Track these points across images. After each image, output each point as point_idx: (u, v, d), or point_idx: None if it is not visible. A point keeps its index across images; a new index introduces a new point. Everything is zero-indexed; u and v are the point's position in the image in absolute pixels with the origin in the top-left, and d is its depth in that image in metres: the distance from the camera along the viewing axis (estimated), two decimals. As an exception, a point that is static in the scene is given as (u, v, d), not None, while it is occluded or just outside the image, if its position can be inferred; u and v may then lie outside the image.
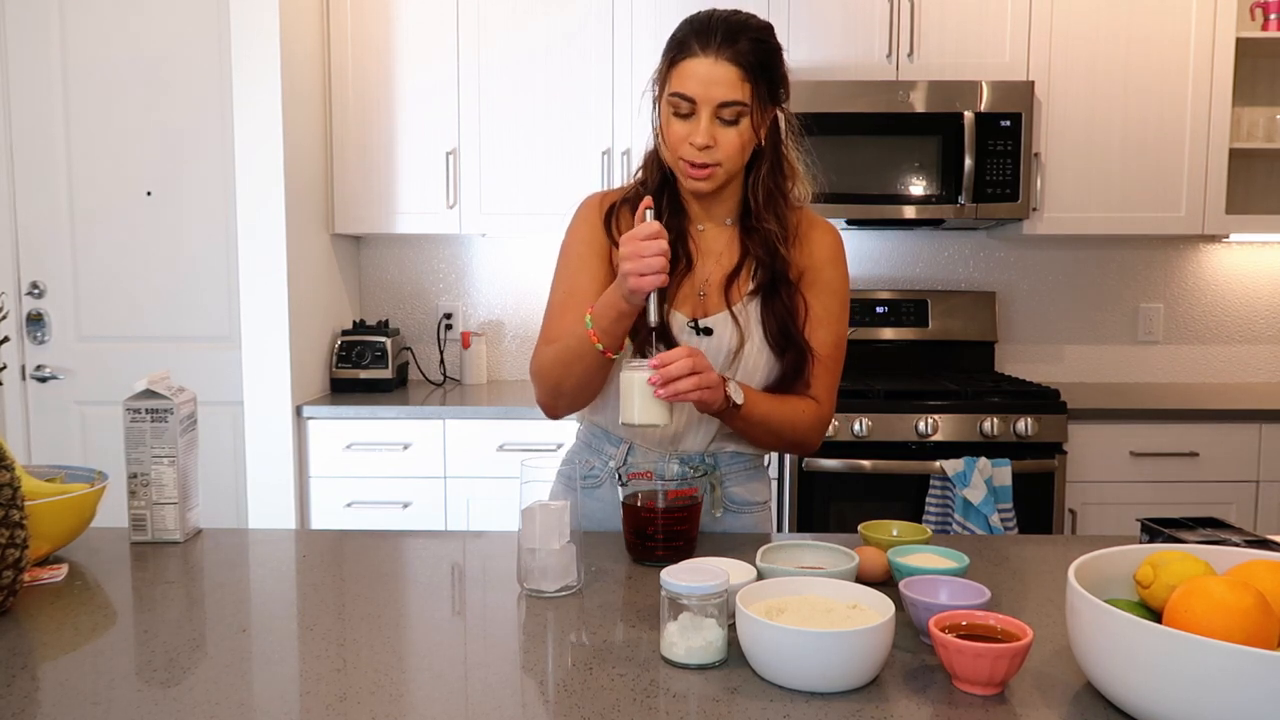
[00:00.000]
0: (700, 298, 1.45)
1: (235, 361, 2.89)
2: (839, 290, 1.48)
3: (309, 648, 1.02)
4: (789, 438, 1.43)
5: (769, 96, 1.36)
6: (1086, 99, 2.95)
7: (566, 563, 1.17)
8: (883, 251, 3.35)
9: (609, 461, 1.51)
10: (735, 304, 1.42)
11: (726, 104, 1.31)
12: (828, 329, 1.45)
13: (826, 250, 1.48)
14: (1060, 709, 0.87)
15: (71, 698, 0.89)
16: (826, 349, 1.45)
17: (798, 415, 1.42)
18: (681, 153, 1.35)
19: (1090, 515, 2.75)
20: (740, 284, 1.44)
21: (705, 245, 1.47)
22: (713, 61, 1.30)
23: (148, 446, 1.37)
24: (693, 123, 1.33)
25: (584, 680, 0.93)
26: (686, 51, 1.32)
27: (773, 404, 1.40)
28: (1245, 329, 3.36)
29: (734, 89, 1.31)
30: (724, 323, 1.42)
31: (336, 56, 3.00)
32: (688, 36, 1.33)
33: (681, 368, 1.23)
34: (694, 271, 1.45)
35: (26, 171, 3.00)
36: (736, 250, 1.45)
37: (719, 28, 1.31)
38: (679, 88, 1.33)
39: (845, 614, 0.95)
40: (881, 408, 2.69)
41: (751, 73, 1.32)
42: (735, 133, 1.34)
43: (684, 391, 1.23)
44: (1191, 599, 0.83)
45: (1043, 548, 1.40)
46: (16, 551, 1.09)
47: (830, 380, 1.46)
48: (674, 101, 1.34)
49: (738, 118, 1.33)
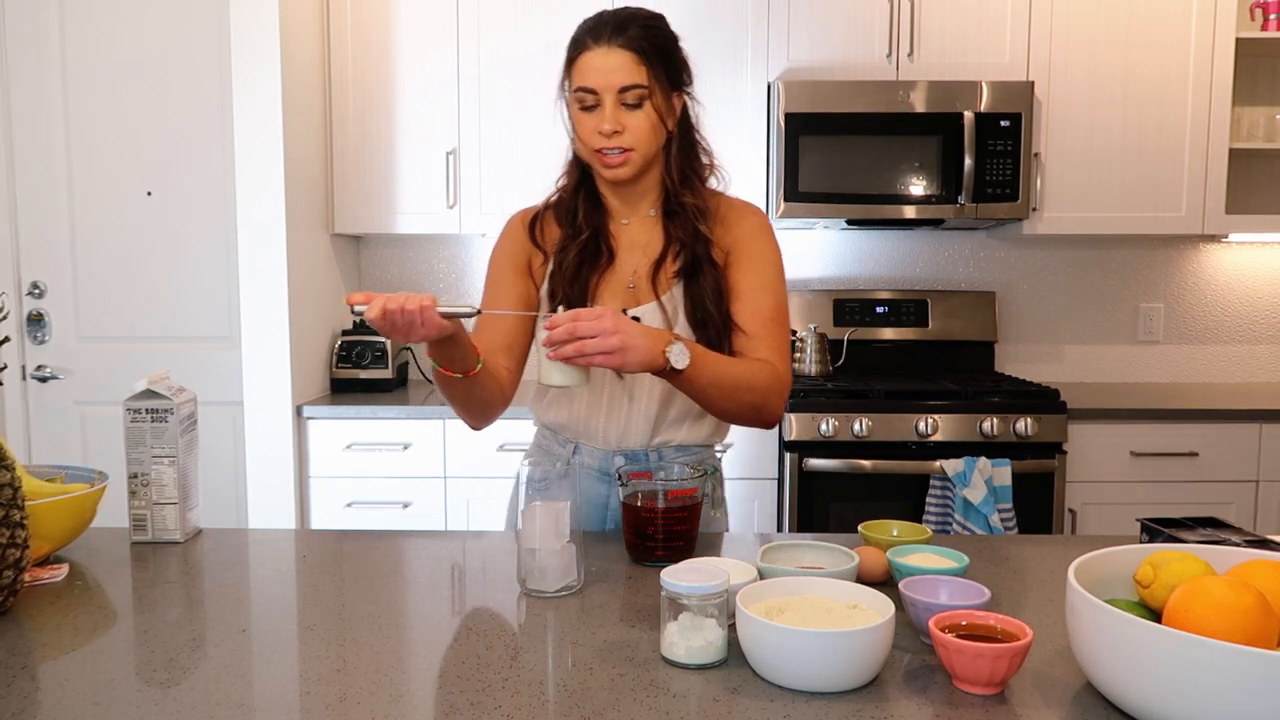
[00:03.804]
0: (631, 290, 1.48)
1: (235, 361, 2.89)
2: (770, 258, 1.49)
3: (309, 648, 1.02)
4: (747, 399, 1.39)
5: (669, 80, 1.42)
6: (1086, 99, 2.95)
7: (566, 563, 1.17)
8: (883, 251, 3.35)
9: (557, 463, 1.51)
10: (664, 292, 1.45)
11: (627, 88, 1.37)
12: (765, 295, 1.46)
13: (750, 226, 1.49)
14: (1060, 709, 0.87)
15: (71, 698, 0.89)
16: (767, 313, 1.45)
17: (754, 373, 1.39)
18: (593, 144, 1.40)
19: (1090, 515, 2.75)
20: (666, 271, 1.46)
21: (630, 238, 1.51)
22: (606, 50, 1.37)
23: (148, 446, 1.37)
24: (599, 113, 1.39)
25: (584, 680, 0.93)
26: (582, 48, 1.39)
27: (725, 364, 1.37)
28: (1245, 329, 3.36)
29: (631, 73, 1.37)
30: (652, 312, 1.45)
31: (336, 56, 3.00)
32: (582, 35, 1.40)
33: (561, 333, 1.21)
34: (617, 265, 1.49)
35: (26, 171, 3.00)
36: (660, 239, 1.48)
37: (610, 21, 1.39)
38: (580, 82, 1.39)
39: (845, 614, 0.95)
40: (881, 408, 2.69)
41: (646, 56, 1.37)
42: (641, 115, 1.39)
43: (569, 356, 1.22)
44: (1191, 599, 0.83)
45: (1043, 548, 1.40)
46: (17, 551, 1.09)
47: (778, 344, 1.45)
48: (579, 96, 1.39)
49: (641, 100, 1.38)
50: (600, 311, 1.24)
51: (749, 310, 1.45)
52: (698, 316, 1.43)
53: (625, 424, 1.49)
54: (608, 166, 1.41)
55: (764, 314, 1.45)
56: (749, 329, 1.44)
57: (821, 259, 3.35)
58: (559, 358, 1.23)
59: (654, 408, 1.48)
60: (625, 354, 1.23)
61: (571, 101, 1.42)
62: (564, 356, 1.23)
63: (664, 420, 1.49)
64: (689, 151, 1.48)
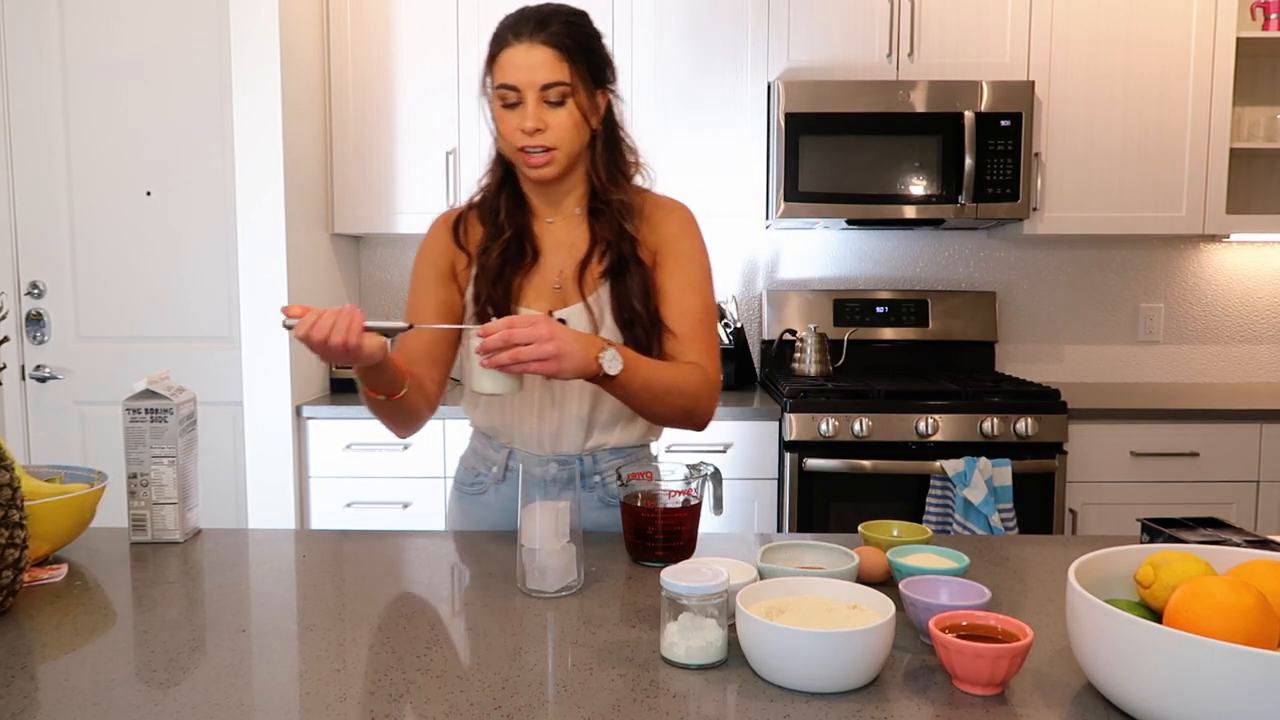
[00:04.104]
0: (557, 290, 1.46)
1: (235, 361, 2.89)
2: (696, 257, 1.47)
3: (309, 648, 1.02)
4: (679, 403, 1.39)
5: (592, 77, 1.39)
6: (1086, 99, 2.95)
7: (566, 563, 1.17)
8: (883, 251, 3.35)
9: (492, 467, 1.53)
10: (590, 293, 1.43)
11: (549, 85, 1.35)
12: (693, 296, 1.45)
13: (675, 225, 1.48)
14: (1060, 709, 0.87)
15: (71, 698, 0.89)
16: (696, 315, 1.45)
17: (685, 377, 1.39)
18: (516, 142, 1.38)
19: (1090, 515, 2.75)
20: (592, 271, 1.44)
21: (556, 238, 1.48)
22: (528, 47, 1.34)
23: (147, 446, 1.37)
24: (521, 110, 1.36)
25: (584, 680, 0.93)
26: (503, 44, 1.36)
27: (656, 368, 1.37)
28: (1245, 329, 3.36)
29: (553, 70, 1.34)
30: (579, 313, 1.43)
31: (336, 56, 3.00)
32: (503, 31, 1.37)
33: (495, 341, 1.21)
34: (542, 265, 1.46)
35: (26, 171, 3.00)
36: (586, 238, 1.46)
37: (531, 16, 1.36)
38: (502, 79, 1.36)
39: (845, 614, 0.95)
40: (881, 408, 2.69)
41: (568, 53, 1.35)
42: (564, 113, 1.36)
43: (503, 364, 1.21)
44: (1192, 599, 0.83)
45: (1043, 548, 1.40)
46: (16, 551, 1.09)
47: (707, 346, 1.45)
48: (501, 94, 1.37)
49: (563, 98, 1.36)
50: (535, 318, 1.24)
51: (677, 312, 1.44)
52: (625, 317, 1.42)
53: (558, 428, 1.47)
54: (531, 166, 1.39)
55: (692, 315, 1.44)
56: (678, 331, 1.44)
57: (821, 259, 3.35)
58: (494, 365, 1.22)
59: (585, 410, 1.46)
60: (560, 361, 1.22)
61: (493, 99, 1.39)
62: (499, 364, 1.22)
63: (596, 423, 1.48)
64: (614, 149, 1.46)
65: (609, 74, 1.44)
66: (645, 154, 1.51)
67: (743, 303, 3.35)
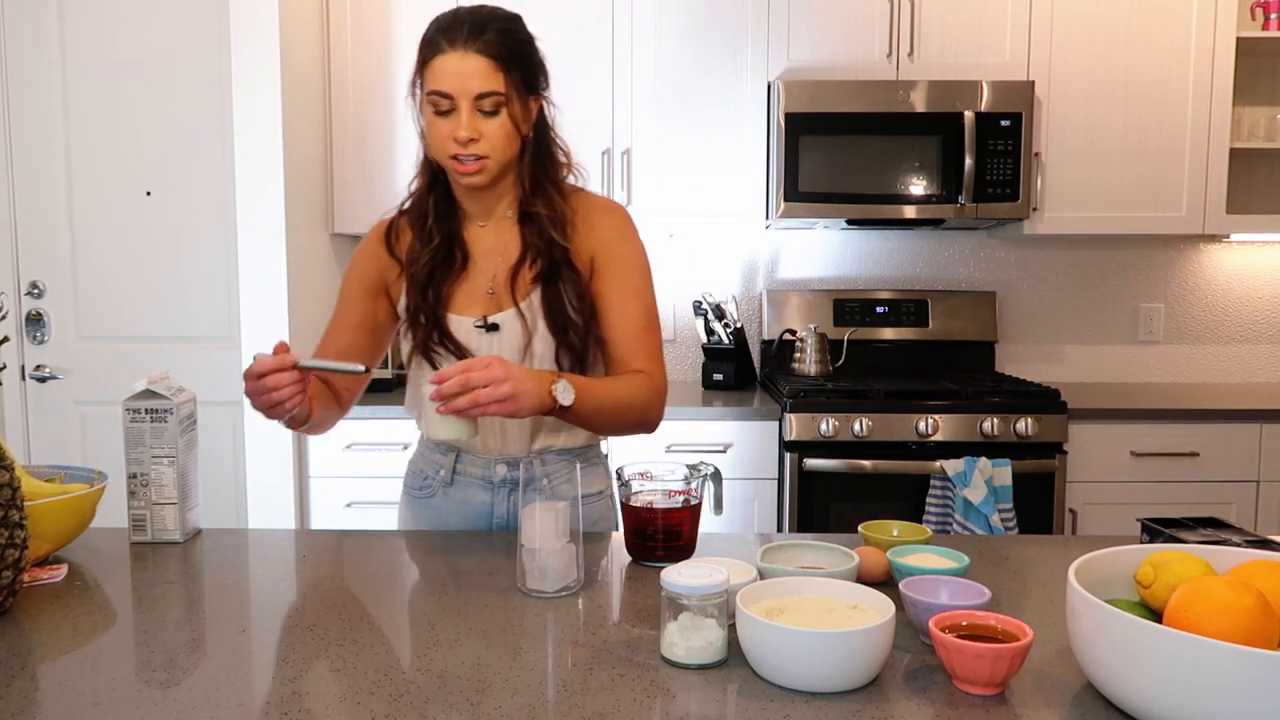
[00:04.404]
0: (490, 295, 1.45)
1: (235, 361, 2.89)
2: (635, 262, 1.46)
3: (309, 648, 1.02)
4: (630, 417, 1.41)
5: (526, 85, 1.37)
6: (1087, 99, 2.95)
7: (566, 563, 1.17)
8: (883, 251, 3.35)
9: (440, 470, 1.53)
10: (523, 298, 1.42)
11: (483, 95, 1.33)
12: (634, 302, 1.44)
13: (611, 229, 1.46)
14: (1060, 709, 0.87)
15: (71, 698, 0.89)
16: (639, 322, 1.44)
17: (634, 390, 1.40)
18: (448, 150, 1.36)
19: (1090, 515, 2.75)
20: (524, 276, 1.43)
21: (488, 242, 1.47)
22: (462, 55, 1.32)
23: (147, 446, 1.37)
24: (454, 118, 1.34)
25: (584, 680, 0.93)
26: (436, 50, 1.33)
27: (606, 388, 1.37)
28: (1245, 329, 3.36)
29: (488, 79, 1.32)
30: (512, 319, 1.42)
31: (336, 56, 3.00)
32: (436, 35, 1.34)
33: (453, 385, 1.22)
34: (472, 270, 1.46)
35: (26, 171, 3.00)
36: (518, 243, 1.44)
37: (465, 21, 1.33)
38: (435, 85, 1.33)
39: (845, 614, 0.95)
40: (881, 408, 2.69)
41: (503, 62, 1.33)
42: (498, 123, 1.35)
43: (461, 409, 1.22)
44: (1192, 599, 0.83)
45: (1043, 548, 1.40)
46: (16, 551, 1.09)
47: (652, 351, 1.45)
48: (433, 100, 1.35)
49: (497, 108, 1.34)
50: (488, 360, 1.24)
51: (620, 320, 1.43)
52: (558, 322, 1.41)
53: (502, 435, 1.47)
54: (463, 174, 1.37)
55: (636, 323, 1.44)
56: (622, 339, 1.43)
57: (821, 259, 3.35)
58: (451, 411, 1.23)
59: (528, 427, 1.46)
60: (518, 400, 1.24)
61: (425, 104, 1.36)
62: (457, 410, 1.22)
63: (541, 427, 1.47)
64: (543, 157, 1.43)
65: (542, 80, 1.42)
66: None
67: (743, 303, 3.35)
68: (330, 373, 1.34)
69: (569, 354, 1.42)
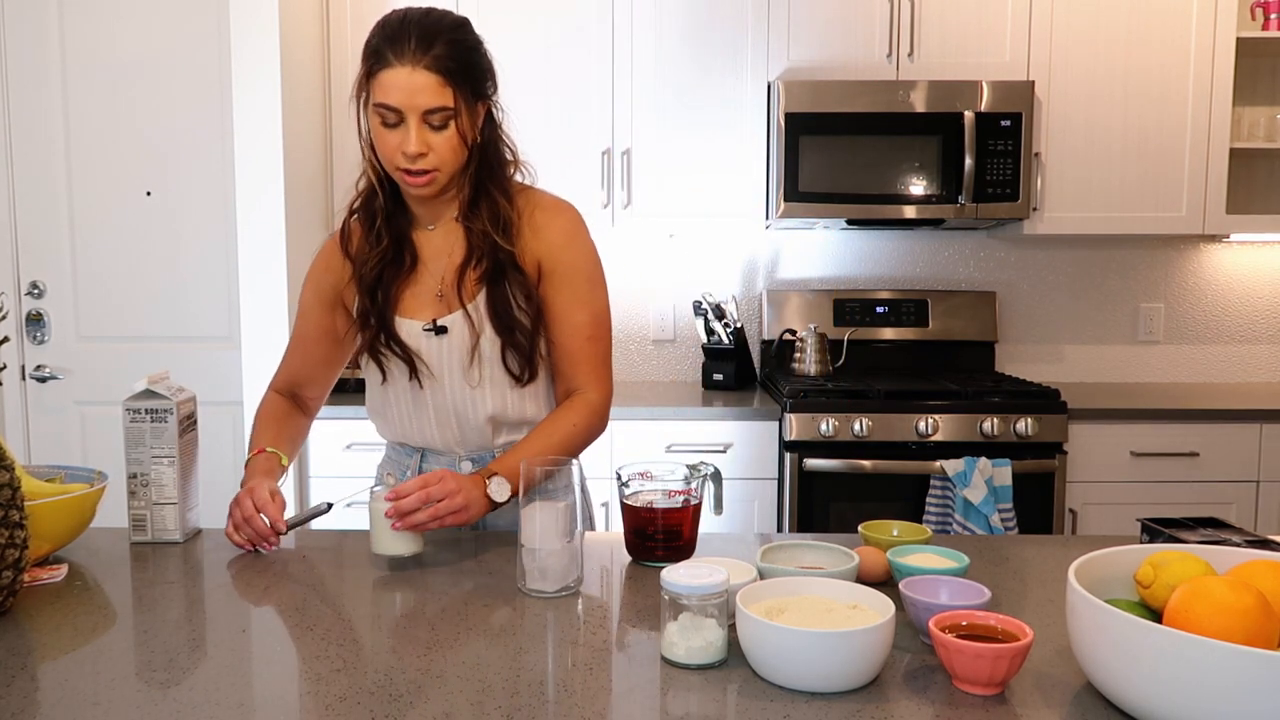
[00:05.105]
0: (439, 298, 1.44)
1: (235, 361, 2.89)
2: (582, 268, 1.45)
3: (309, 648, 1.02)
4: (578, 449, 1.43)
5: (474, 94, 1.36)
6: (1086, 99, 2.95)
7: (566, 563, 1.17)
8: (883, 251, 3.35)
9: (406, 471, 1.54)
10: (470, 300, 1.41)
11: (432, 110, 1.31)
12: (580, 311, 1.44)
13: (558, 234, 1.44)
14: (1060, 709, 0.87)
15: (71, 698, 0.89)
16: (585, 331, 1.44)
17: (572, 426, 1.42)
18: (397, 162, 1.34)
19: (1090, 515, 2.75)
20: (470, 278, 1.42)
21: (436, 245, 1.46)
22: (410, 70, 1.28)
23: (147, 446, 1.37)
24: (402, 131, 1.32)
25: (584, 680, 0.93)
26: (383, 62, 1.30)
27: (543, 447, 1.38)
28: (1245, 329, 3.36)
29: (437, 95, 1.30)
30: (459, 320, 1.42)
31: (336, 56, 3.00)
32: (382, 46, 1.30)
33: (413, 501, 1.24)
34: (421, 272, 1.45)
35: (26, 171, 3.00)
36: (464, 245, 1.43)
37: (412, 33, 1.29)
38: (382, 99, 1.30)
39: (845, 614, 0.95)
40: (881, 408, 2.69)
41: (451, 76, 1.30)
42: (446, 137, 1.33)
43: (421, 523, 1.25)
44: (1192, 599, 0.83)
45: (1043, 548, 1.40)
46: (16, 551, 1.09)
47: (596, 362, 1.46)
48: (380, 112, 1.32)
49: (446, 122, 1.32)
50: (440, 474, 1.28)
51: (567, 329, 1.44)
52: (504, 323, 1.40)
53: (461, 436, 1.48)
54: (412, 185, 1.36)
55: (582, 332, 1.44)
56: (568, 348, 1.44)
57: (821, 259, 3.35)
58: (408, 526, 1.26)
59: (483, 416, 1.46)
60: (469, 510, 1.29)
61: (371, 114, 1.33)
62: (415, 524, 1.25)
63: (502, 426, 1.48)
64: (490, 161, 1.41)
65: (489, 85, 1.40)
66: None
67: (743, 303, 3.35)
68: (304, 520, 1.44)
69: (515, 354, 1.42)
